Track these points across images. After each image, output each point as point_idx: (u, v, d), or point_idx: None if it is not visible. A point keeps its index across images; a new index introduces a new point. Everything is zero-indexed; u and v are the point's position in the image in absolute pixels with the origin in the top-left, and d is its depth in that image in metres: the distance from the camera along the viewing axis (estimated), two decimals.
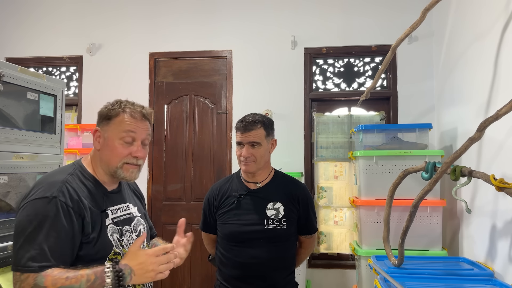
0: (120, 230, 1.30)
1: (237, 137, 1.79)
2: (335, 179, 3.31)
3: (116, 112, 1.30)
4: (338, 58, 3.39)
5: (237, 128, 1.80)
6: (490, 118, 1.52)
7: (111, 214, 1.30)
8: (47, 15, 3.66)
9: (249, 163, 1.77)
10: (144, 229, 1.43)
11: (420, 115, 3.14)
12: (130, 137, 1.28)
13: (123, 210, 1.37)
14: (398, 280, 1.76)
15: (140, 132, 1.30)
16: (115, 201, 1.34)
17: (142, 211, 1.49)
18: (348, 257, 3.28)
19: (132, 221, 1.38)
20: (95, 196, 1.27)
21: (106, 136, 1.29)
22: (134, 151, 1.29)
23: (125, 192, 1.43)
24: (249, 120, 1.77)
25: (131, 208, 1.41)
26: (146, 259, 1.15)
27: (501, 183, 1.45)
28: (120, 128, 1.28)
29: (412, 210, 1.78)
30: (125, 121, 1.28)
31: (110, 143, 1.28)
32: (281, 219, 1.78)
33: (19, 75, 1.99)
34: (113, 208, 1.32)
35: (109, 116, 1.30)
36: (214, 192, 1.88)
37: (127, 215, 1.37)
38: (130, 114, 1.30)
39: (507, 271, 1.82)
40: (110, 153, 1.28)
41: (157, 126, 3.49)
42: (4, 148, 1.90)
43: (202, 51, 3.46)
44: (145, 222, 1.46)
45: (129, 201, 1.43)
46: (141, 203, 1.52)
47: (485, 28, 2.11)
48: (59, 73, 3.72)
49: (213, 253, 1.98)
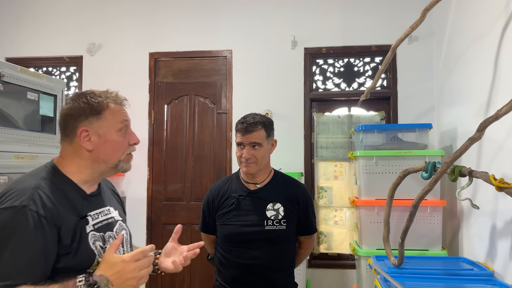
0: (103, 237, 1.18)
1: (238, 138, 1.78)
2: (335, 179, 3.30)
3: (103, 104, 1.18)
4: (338, 58, 3.39)
5: (237, 129, 1.78)
6: (490, 118, 1.52)
7: (92, 220, 1.17)
8: (47, 15, 3.65)
9: (250, 164, 1.76)
10: (127, 234, 1.32)
11: (420, 115, 3.14)
12: (126, 126, 1.23)
13: (104, 214, 1.24)
14: (398, 280, 1.76)
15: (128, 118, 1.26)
16: (96, 205, 1.22)
17: (123, 215, 1.37)
18: (348, 257, 3.28)
19: (114, 226, 1.26)
20: (73, 201, 1.13)
21: (101, 132, 1.17)
22: (132, 139, 1.25)
23: (105, 194, 1.30)
24: (250, 121, 1.76)
25: (112, 212, 1.29)
26: (123, 267, 1.02)
27: (501, 183, 1.45)
28: (116, 119, 1.20)
29: (412, 210, 1.78)
30: (117, 111, 1.21)
31: (108, 138, 1.18)
32: (281, 220, 1.78)
33: (19, 75, 2.00)
34: (93, 213, 1.19)
35: (97, 110, 1.17)
36: (213, 193, 1.88)
37: (108, 220, 1.24)
38: (116, 102, 1.22)
39: (507, 271, 1.82)
40: (111, 148, 1.19)
41: (157, 126, 3.49)
42: (4, 148, 1.90)
43: (202, 51, 3.46)
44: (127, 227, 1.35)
45: (110, 204, 1.30)
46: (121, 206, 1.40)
47: (485, 28, 2.11)
48: (59, 73, 3.72)
49: (213, 253, 1.98)
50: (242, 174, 1.87)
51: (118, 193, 1.45)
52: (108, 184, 1.41)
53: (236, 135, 1.80)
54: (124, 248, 1.27)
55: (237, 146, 1.80)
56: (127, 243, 1.31)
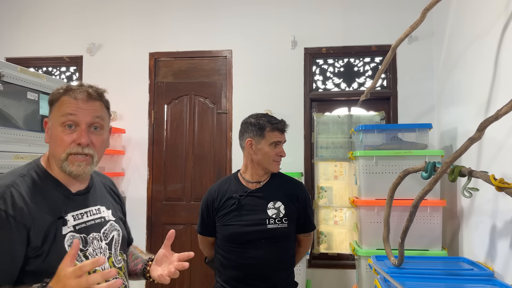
0: (84, 238, 1.10)
1: (276, 137, 1.81)
2: (335, 179, 3.31)
3: (56, 96, 1.11)
4: (338, 58, 3.39)
5: (275, 128, 1.82)
6: (490, 118, 1.52)
7: (73, 220, 1.10)
8: (47, 15, 3.65)
9: (280, 163, 1.86)
10: (119, 235, 1.23)
11: (420, 115, 3.14)
12: (71, 121, 1.08)
13: (91, 214, 1.17)
14: (398, 280, 1.76)
15: (84, 114, 1.09)
16: (81, 205, 1.15)
17: (117, 214, 1.29)
18: (348, 257, 3.28)
19: (103, 226, 1.18)
20: (52, 200, 1.08)
21: (50, 125, 1.11)
22: (77, 137, 1.08)
23: (96, 193, 1.23)
24: (283, 121, 1.88)
25: (103, 211, 1.21)
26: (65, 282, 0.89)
27: (501, 183, 1.45)
28: (60, 112, 1.09)
29: (412, 210, 1.78)
30: (65, 104, 1.09)
31: (53, 131, 1.10)
32: (282, 218, 1.79)
33: (19, 75, 2.00)
34: (76, 213, 1.12)
35: (51, 101, 1.12)
36: (213, 195, 1.87)
37: (96, 220, 1.17)
38: (71, 95, 1.10)
39: (507, 271, 1.82)
40: (54, 143, 1.10)
41: (157, 126, 3.49)
42: (4, 148, 1.90)
43: (202, 51, 3.46)
44: (120, 228, 1.25)
45: (101, 203, 1.23)
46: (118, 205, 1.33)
47: (485, 28, 2.11)
48: (59, 73, 3.72)
49: (210, 256, 1.97)
50: (247, 173, 1.86)
51: (118, 192, 1.38)
52: (106, 181, 1.34)
53: (270, 134, 1.81)
54: (112, 251, 1.19)
55: (270, 145, 1.81)
56: (117, 245, 1.22)
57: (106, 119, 1.17)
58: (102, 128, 1.15)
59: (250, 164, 1.85)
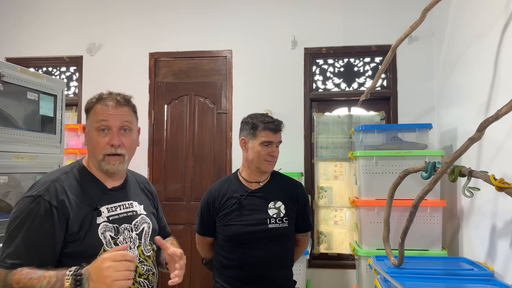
0: (117, 228, 1.27)
1: (266, 137, 1.79)
2: (335, 179, 3.31)
3: (91, 104, 1.31)
4: (338, 58, 3.39)
5: (266, 127, 1.80)
6: (490, 118, 1.52)
7: (107, 212, 1.27)
8: (47, 15, 3.65)
9: (273, 163, 1.83)
10: (149, 228, 1.39)
11: (420, 115, 3.14)
12: (104, 126, 1.27)
13: (124, 207, 1.34)
14: (398, 280, 1.76)
15: (114, 119, 1.27)
16: (115, 199, 1.32)
17: (150, 209, 1.45)
18: (348, 257, 3.28)
19: (134, 219, 1.35)
20: (90, 194, 1.26)
21: (87, 130, 1.31)
22: (110, 140, 1.27)
23: (130, 190, 1.40)
24: (278, 121, 1.84)
25: (135, 206, 1.38)
26: (101, 263, 1.03)
27: (501, 183, 1.45)
28: (94, 119, 1.28)
29: (412, 210, 1.78)
30: (98, 111, 1.28)
31: (90, 135, 1.29)
32: (283, 218, 1.80)
33: (19, 75, 1.99)
34: (110, 206, 1.29)
35: (87, 109, 1.32)
36: (213, 195, 1.87)
37: (128, 213, 1.34)
38: (102, 103, 1.29)
39: (507, 271, 1.82)
40: (91, 146, 1.29)
41: (157, 126, 3.49)
42: (4, 148, 1.90)
43: (202, 51, 3.46)
44: (151, 221, 1.41)
45: (134, 198, 1.40)
46: (151, 202, 1.50)
47: (485, 28, 2.11)
48: (59, 73, 3.72)
49: (207, 257, 1.97)
50: (246, 173, 1.87)
51: (151, 189, 1.54)
52: (141, 180, 1.52)
53: (261, 134, 1.80)
54: (141, 240, 1.34)
55: (260, 144, 1.79)
56: (147, 236, 1.37)
57: (134, 122, 1.36)
58: (131, 130, 1.33)
59: (246, 163, 1.86)
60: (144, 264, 1.32)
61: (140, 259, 1.31)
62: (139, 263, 1.30)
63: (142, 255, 1.32)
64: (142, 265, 1.31)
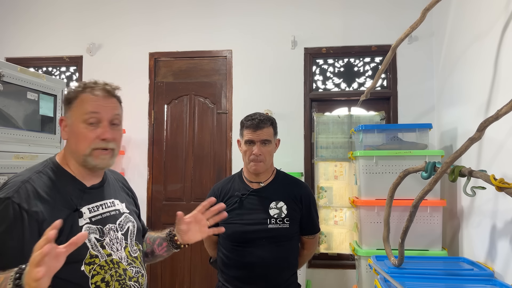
0: (101, 229, 1.16)
1: (247, 135, 1.76)
2: (335, 179, 3.30)
3: (75, 94, 1.17)
4: (338, 58, 3.39)
5: (247, 126, 1.77)
6: (490, 118, 1.52)
7: (89, 212, 1.16)
8: (47, 14, 3.65)
9: (259, 162, 1.77)
10: (133, 226, 1.30)
11: (420, 115, 3.14)
12: (94, 118, 1.15)
13: (106, 206, 1.23)
14: (398, 280, 1.76)
15: (106, 111, 1.16)
16: (96, 198, 1.21)
17: (131, 207, 1.35)
18: (348, 257, 3.28)
19: (118, 218, 1.24)
20: (68, 194, 1.14)
21: (70, 122, 1.17)
22: (101, 133, 1.15)
23: (110, 187, 1.29)
24: (260, 118, 1.77)
25: (117, 204, 1.27)
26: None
27: (501, 183, 1.45)
28: (82, 110, 1.15)
29: (412, 210, 1.78)
30: (86, 102, 1.15)
31: (74, 129, 1.15)
32: (284, 218, 1.78)
33: (19, 75, 2.00)
34: (91, 205, 1.18)
35: (69, 100, 1.18)
36: (215, 193, 1.87)
37: (111, 212, 1.23)
38: (90, 92, 1.16)
39: (507, 271, 1.82)
40: (76, 140, 1.15)
41: (157, 126, 3.49)
42: (4, 148, 1.90)
43: (202, 51, 3.46)
44: (134, 219, 1.32)
45: (115, 196, 1.29)
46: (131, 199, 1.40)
47: (485, 28, 2.11)
48: (59, 73, 3.72)
49: (214, 255, 1.97)
50: (246, 173, 1.87)
51: (130, 187, 1.45)
52: (118, 177, 1.41)
53: (244, 133, 1.79)
54: (127, 241, 1.25)
55: (245, 144, 1.78)
56: (133, 236, 1.28)
57: (121, 115, 1.25)
58: (120, 124, 1.23)
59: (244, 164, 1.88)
60: (133, 266, 1.23)
61: (128, 261, 1.21)
62: (128, 265, 1.21)
63: (129, 257, 1.23)
64: (131, 267, 1.22)
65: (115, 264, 1.16)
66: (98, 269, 1.12)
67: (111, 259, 1.16)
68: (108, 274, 1.13)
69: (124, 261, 1.20)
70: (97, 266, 1.12)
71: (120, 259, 1.18)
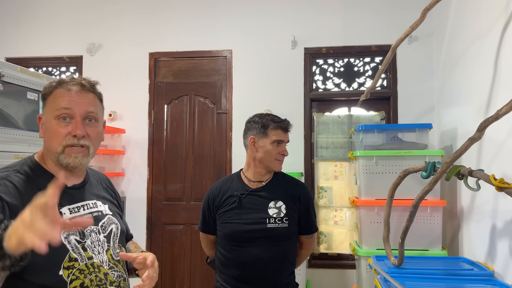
0: (81, 231, 1.11)
1: (277, 136, 1.83)
2: (335, 179, 3.30)
3: (49, 89, 1.13)
4: (338, 58, 3.39)
5: (277, 127, 1.84)
6: (490, 118, 1.52)
7: (70, 213, 1.11)
8: (47, 14, 3.65)
9: (282, 162, 1.86)
10: (117, 229, 1.23)
11: (420, 115, 3.14)
12: (65, 114, 1.10)
13: (88, 207, 1.17)
14: (398, 280, 1.76)
15: (78, 106, 1.11)
16: (76, 198, 1.16)
17: (115, 209, 1.29)
18: (348, 257, 3.28)
19: (101, 220, 1.19)
20: None
21: (44, 119, 1.13)
22: (72, 129, 1.09)
23: (92, 188, 1.24)
24: (287, 120, 1.89)
25: (99, 205, 1.22)
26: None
27: (501, 183, 1.45)
28: (54, 106, 1.10)
29: (412, 210, 1.78)
30: (59, 97, 1.10)
31: (48, 126, 1.11)
32: (283, 218, 1.79)
33: (19, 75, 2.00)
34: (72, 206, 1.13)
35: (44, 96, 1.14)
36: (214, 192, 1.88)
37: (93, 213, 1.17)
38: (64, 87, 1.11)
39: (507, 271, 1.82)
40: (49, 137, 1.11)
41: (157, 126, 3.48)
42: (4, 148, 1.90)
43: (202, 51, 3.46)
44: (118, 221, 1.26)
45: (97, 198, 1.23)
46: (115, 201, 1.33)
47: (485, 28, 2.11)
48: (59, 73, 3.72)
49: (211, 255, 1.97)
50: (251, 172, 1.87)
51: (114, 189, 1.38)
52: (102, 178, 1.35)
53: (272, 133, 1.83)
54: (110, 244, 1.19)
55: (272, 143, 1.82)
56: (116, 238, 1.22)
57: (100, 112, 1.19)
58: (97, 121, 1.16)
59: (253, 163, 1.86)
60: (115, 270, 1.16)
61: (109, 265, 1.15)
62: (109, 269, 1.14)
63: (111, 260, 1.16)
64: (113, 271, 1.15)
65: (96, 268, 1.11)
66: (78, 273, 1.06)
67: (92, 262, 1.10)
68: (88, 278, 1.08)
69: (106, 265, 1.14)
70: (76, 270, 1.06)
71: (101, 263, 1.13)
